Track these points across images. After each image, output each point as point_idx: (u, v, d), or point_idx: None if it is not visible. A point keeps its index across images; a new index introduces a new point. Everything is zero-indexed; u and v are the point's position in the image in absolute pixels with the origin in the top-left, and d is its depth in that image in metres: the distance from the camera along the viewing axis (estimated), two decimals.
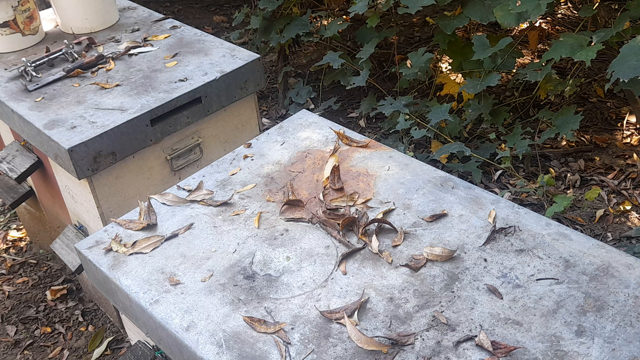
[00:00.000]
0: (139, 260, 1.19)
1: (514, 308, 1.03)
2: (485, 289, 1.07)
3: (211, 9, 4.50)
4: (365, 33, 3.03)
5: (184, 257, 1.19)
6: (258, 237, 1.23)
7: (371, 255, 1.16)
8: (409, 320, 1.03)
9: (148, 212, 1.29)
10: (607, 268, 1.08)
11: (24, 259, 2.59)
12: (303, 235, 1.22)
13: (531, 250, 1.13)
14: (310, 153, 1.45)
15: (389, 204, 1.27)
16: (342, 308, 1.06)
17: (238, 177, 1.39)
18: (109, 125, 1.59)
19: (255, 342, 1.01)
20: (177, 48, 1.95)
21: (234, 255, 1.19)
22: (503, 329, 1.00)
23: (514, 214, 1.21)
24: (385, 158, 1.40)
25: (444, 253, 1.14)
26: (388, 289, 1.09)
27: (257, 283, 1.12)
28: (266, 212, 1.29)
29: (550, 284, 1.06)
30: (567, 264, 1.10)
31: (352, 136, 1.48)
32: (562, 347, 0.96)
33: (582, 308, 1.02)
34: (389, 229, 1.21)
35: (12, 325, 2.29)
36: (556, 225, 1.18)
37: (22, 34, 1.95)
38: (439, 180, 1.32)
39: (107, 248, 1.22)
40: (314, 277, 1.13)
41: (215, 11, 4.47)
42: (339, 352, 0.98)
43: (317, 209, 1.28)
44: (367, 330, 1.02)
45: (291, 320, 1.04)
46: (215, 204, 1.31)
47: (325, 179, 1.35)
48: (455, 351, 0.97)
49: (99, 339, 2.21)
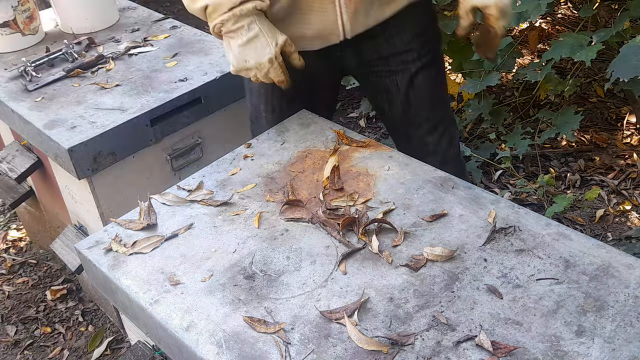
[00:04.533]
0: (139, 260, 1.19)
1: (514, 308, 1.03)
2: (485, 289, 1.07)
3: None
4: None
5: (184, 257, 1.19)
6: (258, 237, 1.23)
7: (371, 255, 1.16)
8: (409, 320, 1.03)
9: (148, 212, 1.29)
10: (607, 268, 1.08)
11: (24, 259, 2.59)
12: (303, 235, 1.22)
13: (531, 250, 1.13)
14: (310, 153, 1.45)
15: (389, 204, 1.27)
16: (342, 308, 1.06)
17: (238, 177, 1.39)
18: (109, 125, 1.60)
19: (255, 342, 1.01)
20: (177, 48, 1.95)
21: (234, 255, 1.19)
22: (503, 329, 1.00)
23: (514, 214, 1.21)
24: (385, 158, 1.40)
25: (444, 253, 1.14)
26: (388, 289, 1.09)
27: (257, 283, 1.12)
28: (266, 212, 1.29)
29: (550, 284, 1.06)
30: (567, 264, 1.10)
31: (352, 136, 1.48)
32: (562, 347, 0.96)
33: (582, 308, 1.02)
34: (389, 228, 1.21)
35: (12, 325, 2.30)
36: (556, 225, 1.18)
37: (22, 34, 1.95)
38: (439, 180, 1.32)
39: (107, 248, 1.22)
40: (314, 277, 1.13)
41: None
42: (339, 352, 0.98)
43: (317, 209, 1.28)
44: (367, 330, 1.02)
45: (291, 320, 1.04)
46: (216, 204, 1.31)
47: (326, 179, 1.35)
48: (455, 351, 0.97)
49: (99, 339, 2.21)
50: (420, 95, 1.57)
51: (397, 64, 1.53)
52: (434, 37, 1.61)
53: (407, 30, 1.50)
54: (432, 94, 1.59)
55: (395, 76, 1.54)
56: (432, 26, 1.61)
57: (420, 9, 1.51)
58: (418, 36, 1.52)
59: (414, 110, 1.58)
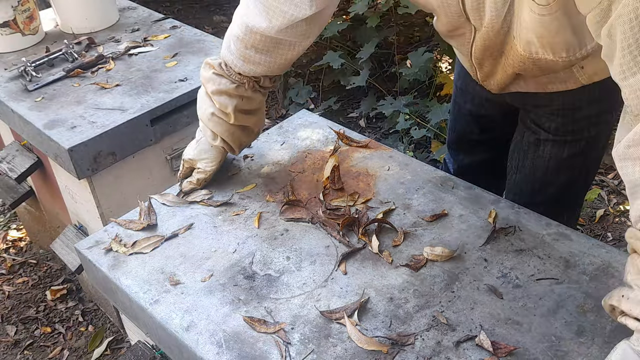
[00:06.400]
0: (139, 260, 1.19)
1: (514, 308, 1.03)
2: (485, 289, 1.07)
3: (211, 9, 4.50)
4: (365, 33, 3.02)
5: (184, 257, 1.19)
6: (258, 237, 1.23)
7: (371, 255, 1.16)
8: (409, 320, 1.03)
9: (148, 212, 1.29)
10: (607, 268, 1.08)
11: (24, 259, 2.59)
12: (303, 235, 1.22)
13: (531, 250, 1.13)
14: (310, 153, 1.45)
15: (389, 204, 1.27)
16: (342, 308, 1.06)
17: (238, 177, 1.39)
18: (109, 125, 1.59)
19: (255, 342, 1.01)
20: (177, 48, 1.95)
21: (234, 255, 1.19)
22: (503, 329, 1.00)
23: (514, 213, 1.21)
24: (385, 158, 1.40)
25: (444, 253, 1.14)
26: (388, 289, 1.09)
27: (257, 283, 1.12)
28: (266, 212, 1.29)
29: (550, 284, 1.06)
30: (567, 264, 1.10)
31: (352, 136, 1.48)
32: (562, 347, 0.96)
33: (582, 308, 1.02)
34: (389, 228, 1.21)
35: (12, 325, 2.29)
36: (556, 225, 1.18)
37: (22, 34, 1.95)
38: (439, 180, 1.32)
39: (107, 248, 1.22)
40: (314, 277, 1.13)
41: (215, 11, 4.47)
42: (339, 352, 0.98)
43: (317, 209, 1.28)
44: (367, 330, 1.02)
45: (291, 320, 1.04)
46: (215, 204, 1.31)
47: (325, 179, 1.35)
48: (456, 351, 0.97)
49: (99, 339, 2.20)
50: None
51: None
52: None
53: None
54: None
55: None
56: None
57: None
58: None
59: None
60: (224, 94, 1.28)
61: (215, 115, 1.30)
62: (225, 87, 1.27)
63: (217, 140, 1.33)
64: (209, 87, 1.29)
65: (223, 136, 1.32)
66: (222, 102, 1.28)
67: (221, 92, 1.28)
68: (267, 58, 1.23)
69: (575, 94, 1.25)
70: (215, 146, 1.34)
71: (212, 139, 1.33)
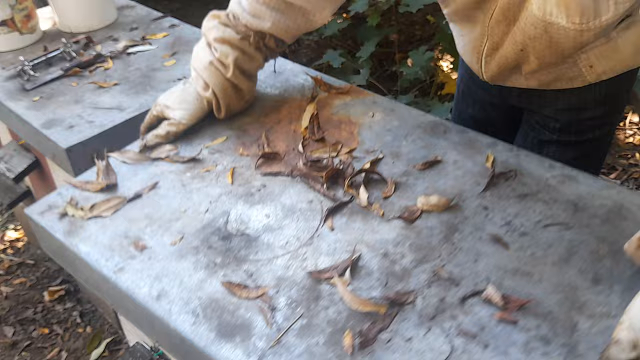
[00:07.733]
0: (99, 225, 1.06)
1: (522, 258, 0.93)
2: (488, 238, 0.97)
3: (210, 7, 4.34)
4: (366, 31, 2.94)
5: (150, 220, 1.06)
6: (232, 194, 1.10)
7: (360, 208, 1.05)
8: (407, 277, 0.92)
9: (107, 171, 1.15)
10: (619, 210, 0.99)
11: (22, 259, 2.57)
12: (283, 191, 1.10)
13: (535, 194, 1.03)
14: (285, 102, 1.32)
15: (376, 153, 1.16)
16: (332, 267, 0.94)
17: (206, 131, 1.26)
18: (107, 124, 1.49)
19: (236, 309, 0.89)
20: (176, 47, 1.84)
21: (207, 215, 1.06)
22: (512, 281, 0.90)
23: (513, 157, 1.11)
24: (368, 104, 1.28)
25: (440, 202, 1.03)
26: (381, 244, 0.98)
27: (234, 244, 1.00)
28: (240, 167, 1.16)
29: (559, 229, 0.97)
30: (576, 208, 1.00)
31: (330, 82, 1.35)
32: (578, 297, 0.87)
33: (597, 254, 0.92)
34: (378, 179, 1.10)
35: (9, 327, 2.27)
36: (560, 167, 1.08)
37: (19, 32, 1.88)
38: (429, 124, 1.21)
39: (62, 212, 1.08)
40: (297, 235, 1.01)
41: (214, 9, 4.36)
42: (331, 315, 0.87)
43: (296, 161, 1.16)
44: (361, 290, 0.91)
45: (275, 283, 0.93)
46: (182, 160, 1.18)
47: (304, 129, 1.23)
48: (462, 308, 0.87)
49: (97, 340, 2.19)
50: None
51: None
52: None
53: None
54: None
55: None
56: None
57: None
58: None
59: None
60: (226, 42, 1.22)
61: (212, 64, 1.22)
62: (230, 36, 1.22)
63: (209, 92, 1.23)
64: (211, 35, 1.23)
65: (215, 89, 1.22)
66: (223, 50, 1.22)
67: (224, 40, 1.22)
68: (277, 16, 1.21)
69: (581, 94, 1.23)
70: (203, 97, 1.23)
71: (202, 89, 1.23)
